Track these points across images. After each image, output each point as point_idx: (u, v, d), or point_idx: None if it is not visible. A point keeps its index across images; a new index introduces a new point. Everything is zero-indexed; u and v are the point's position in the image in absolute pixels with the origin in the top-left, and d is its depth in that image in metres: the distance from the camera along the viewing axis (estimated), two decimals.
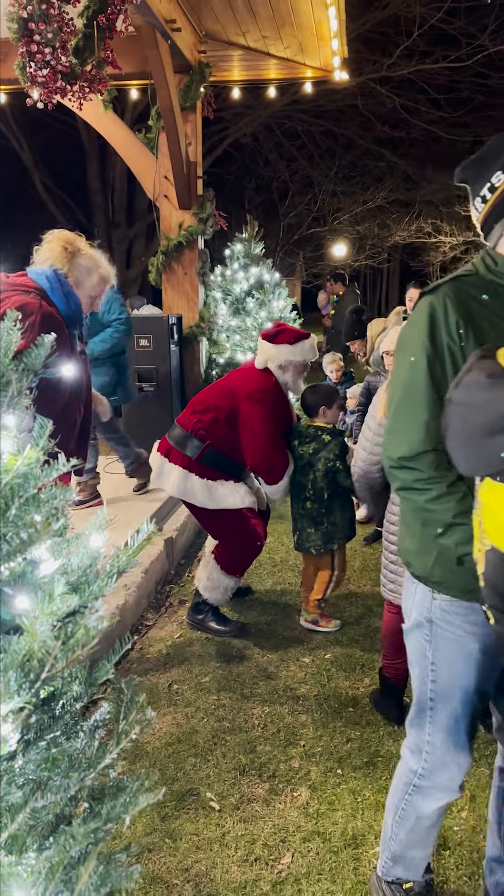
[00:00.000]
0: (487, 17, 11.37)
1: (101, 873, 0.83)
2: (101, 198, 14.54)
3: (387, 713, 3.05)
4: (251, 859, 2.32)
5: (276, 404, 3.66)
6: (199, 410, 3.71)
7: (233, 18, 5.88)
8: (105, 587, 0.93)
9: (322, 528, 3.74)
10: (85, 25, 3.87)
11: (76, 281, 3.04)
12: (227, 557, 3.75)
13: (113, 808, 0.87)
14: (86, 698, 1.13)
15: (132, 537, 0.99)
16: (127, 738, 0.95)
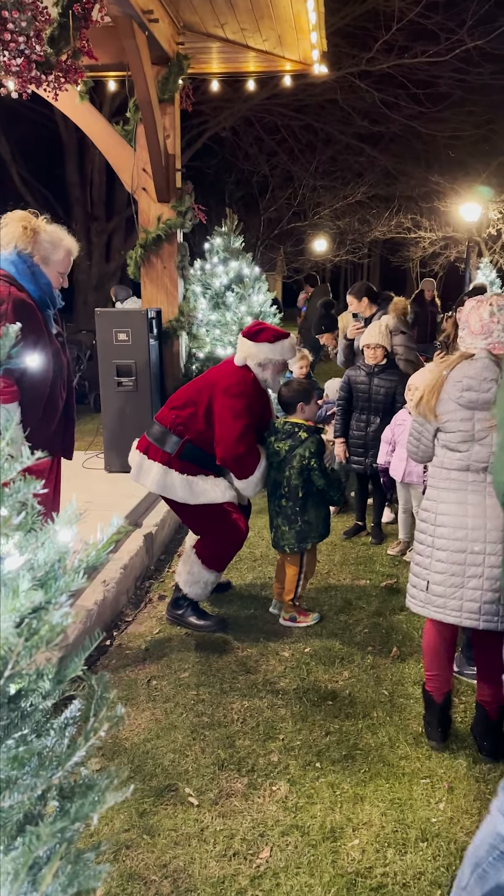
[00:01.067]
0: (466, 13, 11.41)
1: (69, 873, 0.82)
2: (80, 191, 14.40)
3: (428, 734, 2.83)
4: (229, 854, 2.31)
5: (251, 400, 3.64)
6: (178, 406, 3.70)
7: (211, 10, 5.83)
8: (72, 583, 0.91)
9: (296, 526, 3.73)
10: (60, 14, 3.81)
11: (43, 258, 3.00)
12: (208, 552, 3.74)
13: (81, 807, 0.85)
14: (56, 695, 1.11)
15: (101, 531, 0.97)
16: (96, 736, 0.93)
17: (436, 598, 2.63)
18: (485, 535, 2.52)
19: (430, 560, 2.64)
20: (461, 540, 2.55)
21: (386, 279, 33.94)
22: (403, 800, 2.55)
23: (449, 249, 20.18)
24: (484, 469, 2.53)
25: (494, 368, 2.49)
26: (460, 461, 2.58)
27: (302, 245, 21.45)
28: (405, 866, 2.25)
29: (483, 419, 2.52)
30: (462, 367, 2.56)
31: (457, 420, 2.56)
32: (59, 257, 3.04)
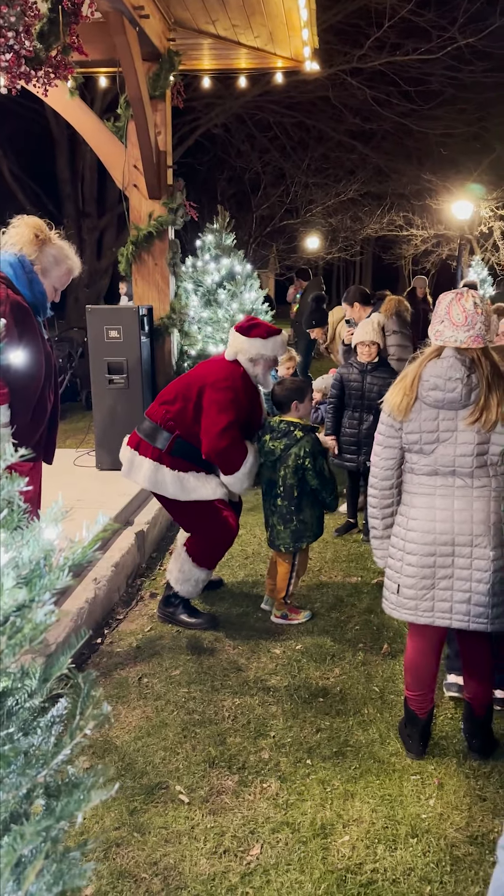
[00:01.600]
0: (457, 10, 11.42)
1: (55, 872, 0.81)
2: (71, 187, 14.34)
3: (408, 746, 2.78)
4: (220, 851, 2.31)
5: (239, 394, 3.62)
6: (168, 401, 3.69)
7: (202, 6, 5.82)
8: (56, 581, 0.91)
9: (291, 525, 3.73)
10: (49, 10, 3.79)
11: (43, 269, 3.02)
12: (199, 549, 3.74)
13: (67, 805, 0.85)
14: (44, 694, 1.11)
15: (87, 529, 0.96)
16: (81, 734, 0.93)
17: (407, 601, 2.60)
18: (452, 538, 2.51)
19: (401, 564, 2.62)
20: (430, 545, 2.54)
21: (378, 277, 33.99)
22: (394, 796, 2.56)
23: (441, 247, 20.22)
24: (452, 473, 2.50)
25: (461, 368, 2.43)
26: (427, 465, 2.53)
27: (294, 242, 21.43)
28: (395, 862, 2.26)
29: (448, 419, 2.47)
30: (430, 366, 2.49)
31: (422, 420, 2.50)
32: (59, 273, 3.07)
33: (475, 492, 2.50)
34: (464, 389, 2.42)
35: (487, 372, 2.44)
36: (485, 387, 2.43)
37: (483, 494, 2.50)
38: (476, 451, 2.46)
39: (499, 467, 2.47)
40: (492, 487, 2.50)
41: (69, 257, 3.10)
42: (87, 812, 2.45)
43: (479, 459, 2.47)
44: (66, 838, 0.94)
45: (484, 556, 2.49)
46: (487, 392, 2.42)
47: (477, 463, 2.47)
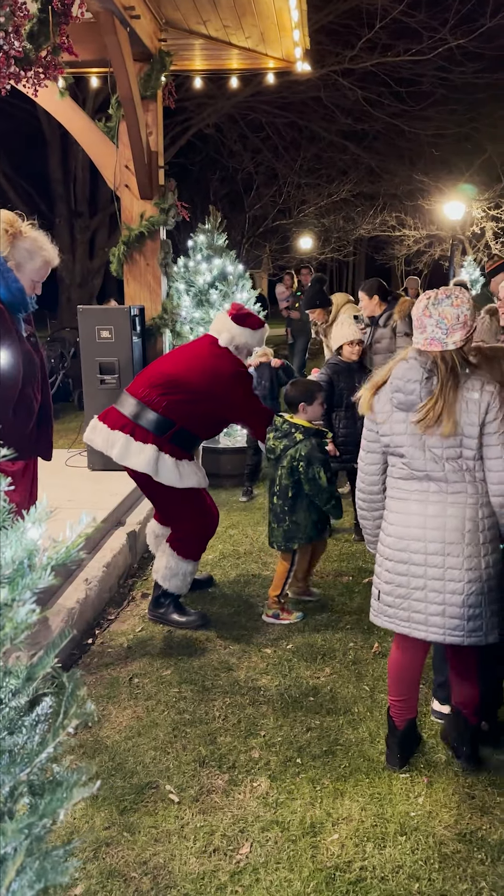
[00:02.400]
0: (448, 12, 11.46)
1: (37, 869, 0.82)
2: (63, 187, 14.31)
3: (386, 757, 2.74)
4: (210, 850, 2.32)
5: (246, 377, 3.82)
6: (167, 390, 3.63)
7: (193, 7, 5.82)
8: (39, 580, 0.91)
9: (284, 525, 3.76)
10: (39, 10, 3.79)
11: (18, 264, 2.95)
12: (182, 542, 3.76)
13: (49, 804, 0.86)
14: (30, 693, 1.11)
15: (71, 529, 0.97)
16: (65, 732, 0.93)
17: (386, 608, 2.56)
18: (425, 546, 2.43)
19: (380, 570, 2.59)
20: (402, 551, 2.48)
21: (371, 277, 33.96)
22: (383, 794, 2.57)
23: (433, 247, 20.26)
24: (426, 477, 2.44)
25: (419, 370, 2.38)
26: (402, 469, 2.49)
27: (287, 243, 21.44)
28: (384, 860, 2.27)
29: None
30: (396, 368, 2.47)
31: (393, 422, 2.47)
32: (35, 266, 2.99)
33: (450, 497, 2.41)
34: (422, 392, 2.37)
35: (443, 375, 2.36)
36: (437, 389, 2.35)
37: (458, 501, 2.40)
38: (446, 455, 2.38)
39: (476, 473, 2.39)
40: (468, 493, 2.40)
41: (43, 248, 3.01)
42: (76, 811, 2.46)
43: (452, 464, 2.39)
44: (55, 837, 0.94)
45: (457, 565, 2.40)
46: (438, 394, 2.35)
47: (450, 467, 2.39)
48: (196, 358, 3.78)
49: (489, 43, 12.28)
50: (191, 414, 3.63)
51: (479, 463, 2.38)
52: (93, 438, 3.72)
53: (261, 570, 4.56)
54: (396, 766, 2.70)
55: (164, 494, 3.72)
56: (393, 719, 2.73)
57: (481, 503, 2.41)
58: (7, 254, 2.92)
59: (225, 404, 3.69)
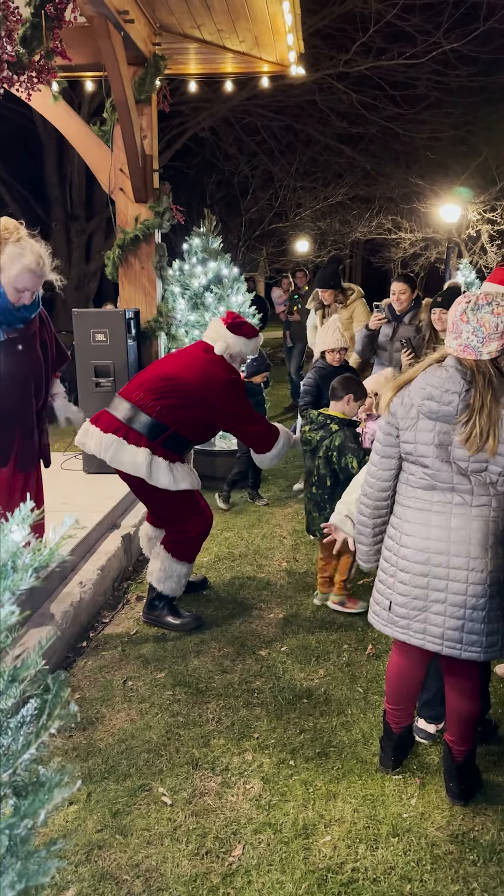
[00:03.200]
0: (442, 15, 11.50)
1: (19, 870, 0.82)
2: (59, 191, 14.32)
3: (381, 759, 2.73)
4: (202, 852, 2.32)
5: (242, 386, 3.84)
6: (157, 390, 3.64)
7: (187, 11, 5.83)
8: (20, 582, 0.92)
9: (325, 513, 3.88)
10: (32, 14, 3.80)
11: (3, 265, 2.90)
12: (177, 544, 3.77)
13: (31, 805, 0.86)
14: (17, 695, 1.11)
15: (53, 531, 0.97)
16: (47, 733, 0.94)
17: (398, 619, 2.47)
18: (448, 559, 2.34)
19: (393, 580, 2.48)
20: (423, 563, 2.38)
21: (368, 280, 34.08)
22: (376, 796, 2.58)
23: (429, 250, 20.29)
24: (450, 489, 2.33)
25: (460, 381, 2.24)
26: (423, 479, 2.37)
27: (284, 246, 21.47)
28: (376, 861, 2.28)
29: (444, 432, 2.29)
30: (428, 373, 2.32)
31: (418, 429, 2.34)
32: (13, 273, 2.92)
33: (474, 510, 2.31)
34: (460, 404, 2.24)
35: (480, 388, 2.23)
36: (478, 404, 2.22)
37: (482, 514, 2.31)
38: (472, 468, 2.27)
39: (499, 487, 2.28)
40: (491, 507, 2.31)
41: (24, 255, 2.92)
42: (69, 814, 2.46)
43: (477, 477, 2.29)
44: (45, 839, 0.95)
45: (480, 580, 2.31)
46: (480, 409, 2.21)
47: (475, 481, 2.29)
48: (190, 364, 3.78)
49: (484, 46, 12.33)
50: (184, 419, 3.64)
51: (502, 479, 2.27)
52: (84, 442, 3.72)
53: (255, 573, 4.56)
54: (390, 769, 2.70)
55: (157, 497, 3.72)
56: (389, 724, 2.72)
57: (502, 517, 2.34)
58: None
59: (217, 411, 3.69)
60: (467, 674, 2.48)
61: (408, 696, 2.68)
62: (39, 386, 3.22)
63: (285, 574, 4.54)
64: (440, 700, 2.78)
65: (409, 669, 2.63)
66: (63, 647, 3.53)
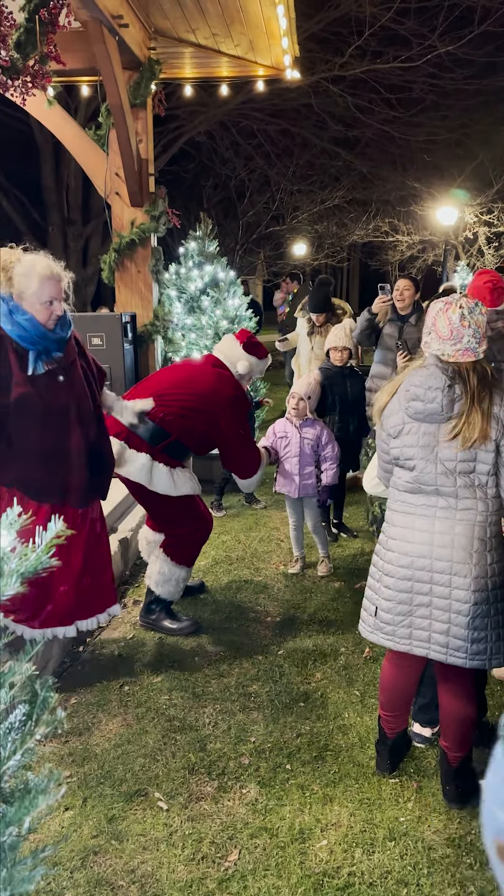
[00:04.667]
0: (436, 19, 11.53)
1: (4, 878, 0.82)
2: (56, 195, 14.34)
3: (377, 763, 2.73)
4: (198, 857, 2.31)
5: (245, 402, 3.87)
6: (165, 402, 3.64)
7: (182, 15, 5.85)
8: (5, 587, 0.91)
9: None
10: (26, 20, 3.80)
11: (18, 294, 2.82)
12: (176, 548, 3.76)
13: (17, 812, 0.86)
14: (6, 700, 1.11)
15: (40, 535, 0.97)
16: (33, 739, 0.93)
17: (384, 626, 2.46)
18: (431, 563, 2.33)
19: (379, 585, 2.47)
20: (407, 568, 2.37)
21: (365, 282, 34.12)
22: (372, 799, 2.57)
23: (426, 253, 20.33)
24: (435, 492, 2.33)
25: (441, 377, 2.28)
26: (409, 483, 2.37)
27: (281, 249, 21.49)
28: (372, 865, 2.27)
29: (429, 433, 2.31)
30: (413, 375, 2.36)
31: (406, 433, 2.36)
32: (35, 288, 2.81)
33: (458, 514, 2.31)
34: (444, 400, 2.26)
35: (474, 385, 2.25)
36: (468, 401, 2.25)
37: (467, 518, 2.30)
38: (459, 468, 2.28)
39: (488, 489, 2.28)
40: (478, 511, 2.29)
41: (35, 265, 2.84)
42: (64, 820, 2.45)
43: (464, 479, 2.28)
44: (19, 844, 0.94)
45: (464, 585, 2.29)
46: (470, 406, 2.24)
47: (461, 482, 2.28)
48: (200, 376, 3.80)
49: (479, 49, 12.35)
50: (187, 429, 3.65)
51: (492, 479, 2.28)
52: None
53: (253, 576, 4.55)
54: (386, 772, 2.69)
55: (158, 501, 3.72)
56: (384, 729, 2.71)
57: (490, 521, 2.31)
58: (9, 289, 2.80)
59: (216, 425, 3.68)
60: (459, 678, 2.47)
61: (402, 704, 2.68)
62: (88, 415, 3.07)
63: (282, 577, 4.54)
64: (435, 705, 2.77)
65: (402, 678, 2.63)
66: (60, 651, 3.52)
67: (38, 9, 3.83)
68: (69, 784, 2.65)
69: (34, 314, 2.84)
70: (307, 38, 11.33)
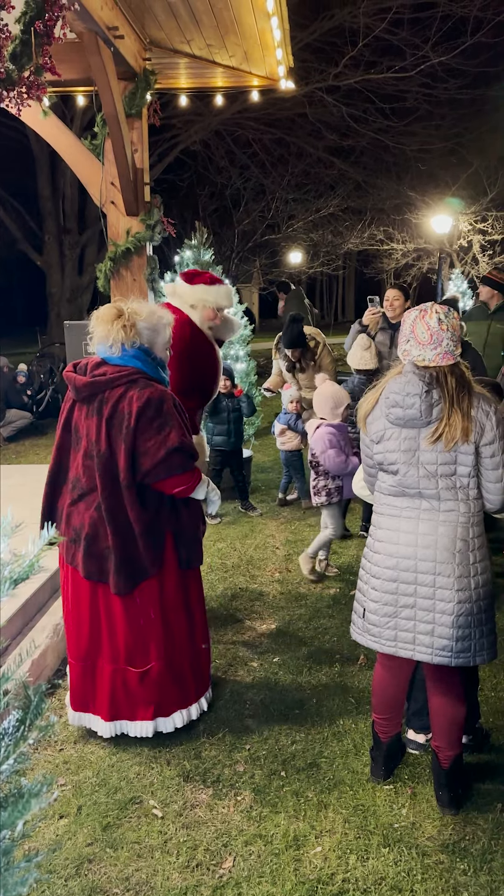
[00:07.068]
0: (430, 30, 11.64)
1: None
2: (52, 204, 14.39)
3: (371, 769, 2.73)
4: (193, 865, 2.31)
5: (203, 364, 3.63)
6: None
7: (177, 27, 5.89)
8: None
9: None
10: (22, 31, 3.83)
11: (149, 344, 2.90)
12: None
13: (10, 816, 0.86)
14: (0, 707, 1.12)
15: (33, 543, 0.98)
16: (25, 744, 0.94)
17: (371, 627, 2.50)
18: (415, 564, 2.38)
19: (367, 587, 2.52)
20: (392, 569, 2.43)
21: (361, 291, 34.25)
22: (367, 806, 2.57)
23: (421, 261, 20.43)
24: (418, 495, 2.38)
25: (418, 383, 2.33)
26: (393, 486, 2.43)
27: (277, 257, 21.59)
28: (367, 872, 2.27)
29: (410, 437, 2.37)
30: (391, 383, 2.41)
31: (387, 439, 2.42)
32: (166, 337, 2.96)
33: (441, 516, 2.36)
34: (422, 405, 2.31)
35: (452, 388, 2.32)
36: (447, 403, 2.31)
37: (450, 519, 2.36)
38: (440, 471, 2.33)
39: (469, 490, 2.35)
40: (460, 512, 2.36)
41: (161, 315, 2.93)
42: (59, 827, 2.45)
43: (446, 481, 2.34)
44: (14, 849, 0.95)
45: (447, 585, 2.35)
46: (449, 409, 2.30)
47: (443, 485, 2.34)
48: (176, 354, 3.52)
49: (472, 59, 12.48)
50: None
51: (473, 480, 2.34)
52: None
53: (248, 584, 4.56)
54: (381, 778, 2.70)
55: None
56: (378, 734, 2.72)
57: (472, 522, 2.37)
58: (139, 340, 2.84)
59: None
60: (447, 677, 2.51)
61: (393, 706, 2.69)
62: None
63: (278, 584, 4.54)
64: (428, 710, 2.78)
65: (392, 679, 2.66)
66: (55, 659, 3.52)
67: (33, 20, 3.86)
68: (64, 792, 2.65)
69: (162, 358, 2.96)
70: (302, 49, 11.43)
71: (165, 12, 5.63)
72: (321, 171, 17.12)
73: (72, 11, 4.13)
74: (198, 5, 5.45)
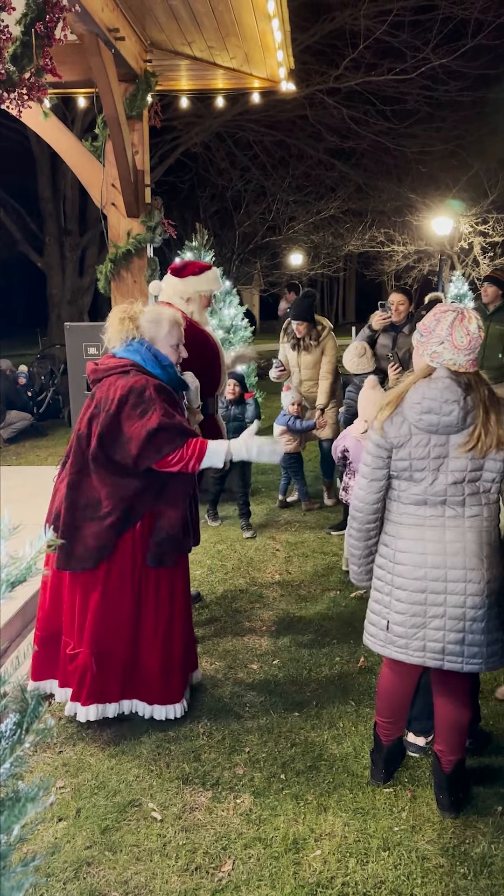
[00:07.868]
0: (430, 32, 11.65)
1: None
2: (53, 206, 14.41)
3: (371, 772, 2.72)
4: (191, 868, 2.30)
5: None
6: None
7: (178, 29, 5.89)
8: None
9: None
10: (22, 33, 3.83)
11: (151, 339, 3.00)
12: None
13: (6, 820, 0.86)
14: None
15: (31, 545, 0.98)
16: (21, 748, 0.94)
17: (397, 639, 2.43)
18: (445, 573, 2.34)
19: (389, 599, 2.45)
20: (420, 580, 2.36)
21: (361, 293, 34.28)
22: (366, 809, 2.56)
23: (422, 263, 20.45)
24: (442, 503, 2.34)
25: (456, 389, 2.26)
26: (416, 495, 2.36)
27: (278, 259, 21.61)
28: (366, 875, 2.26)
29: (439, 444, 2.31)
30: (421, 388, 2.31)
31: (412, 445, 2.32)
32: (165, 332, 3.01)
33: (467, 522, 2.33)
34: (460, 413, 2.25)
35: (485, 395, 2.28)
36: (482, 410, 2.26)
37: (475, 525, 2.33)
38: (468, 478, 2.29)
39: (490, 495, 2.32)
40: (483, 517, 2.33)
41: (162, 312, 3.03)
42: (58, 830, 2.44)
43: (471, 486, 2.31)
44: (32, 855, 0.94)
45: (478, 591, 2.31)
46: (485, 416, 2.26)
47: (469, 490, 2.31)
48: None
49: (472, 61, 12.49)
50: None
51: (495, 486, 2.32)
52: None
53: (248, 586, 4.55)
54: (381, 782, 2.69)
55: None
56: (380, 737, 2.71)
57: (493, 526, 2.36)
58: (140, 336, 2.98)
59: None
60: (457, 684, 2.48)
61: (399, 710, 2.68)
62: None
63: (278, 586, 4.54)
64: (428, 713, 2.78)
65: (401, 684, 2.63)
66: None
67: (34, 22, 3.86)
68: (63, 795, 2.65)
69: (167, 355, 3.03)
70: (302, 51, 11.45)
71: (166, 14, 5.64)
72: (322, 173, 17.14)
73: (72, 13, 4.13)
74: (199, 7, 5.45)
